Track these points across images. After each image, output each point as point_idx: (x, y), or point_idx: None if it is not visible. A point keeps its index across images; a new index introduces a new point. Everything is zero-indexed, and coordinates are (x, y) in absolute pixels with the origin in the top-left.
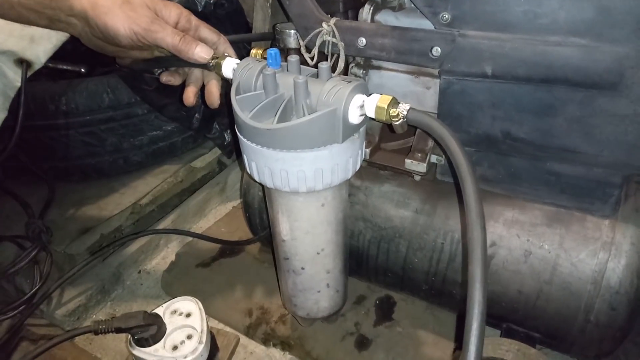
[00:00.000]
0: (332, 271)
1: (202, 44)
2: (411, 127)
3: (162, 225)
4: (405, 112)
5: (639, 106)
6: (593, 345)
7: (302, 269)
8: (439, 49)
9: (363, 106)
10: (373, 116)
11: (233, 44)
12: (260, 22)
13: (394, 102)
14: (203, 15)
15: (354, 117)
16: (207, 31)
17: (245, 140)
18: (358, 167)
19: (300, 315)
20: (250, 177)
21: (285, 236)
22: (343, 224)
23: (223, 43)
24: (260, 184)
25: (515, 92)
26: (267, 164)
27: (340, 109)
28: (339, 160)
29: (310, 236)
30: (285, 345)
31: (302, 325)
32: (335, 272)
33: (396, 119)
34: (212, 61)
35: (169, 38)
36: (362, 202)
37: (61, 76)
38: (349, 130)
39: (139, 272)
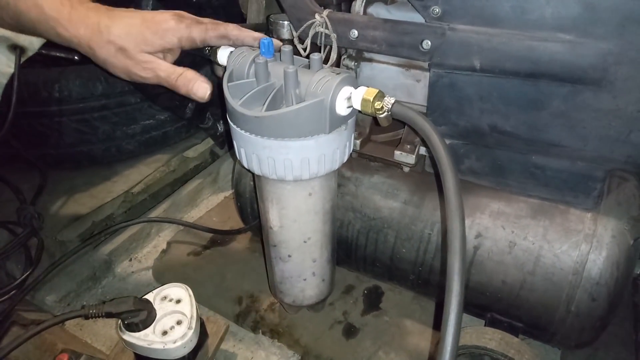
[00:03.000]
0: (319, 260)
1: (200, 81)
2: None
3: (154, 214)
4: (389, 106)
5: (622, 101)
6: (574, 334)
7: (289, 256)
8: (429, 42)
9: (350, 98)
10: (359, 108)
11: None
12: (254, 13)
13: (380, 95)
14: (198, 6)
15: (341, 109)
16: (214, 38)
17: (234, 126)
18: (346, 158)
19: (287, 302)
20: (241, 164)
21: (273, 224)
22: (331, 214)
23: (241, 34)
24: (249, 171)
25: (502, 86)
26: (255, 151)
27: (327, 99)
28: (325, 151)
29: (297, 224)
30: (274, 332)
31: (288, 312)
32: (322, 261)
33: (381, 112)
34: (209, 48)
35: (164, 79)
36: (352, 193)
37: (54, 63)
38: (336, 121)
39: (130, 260)
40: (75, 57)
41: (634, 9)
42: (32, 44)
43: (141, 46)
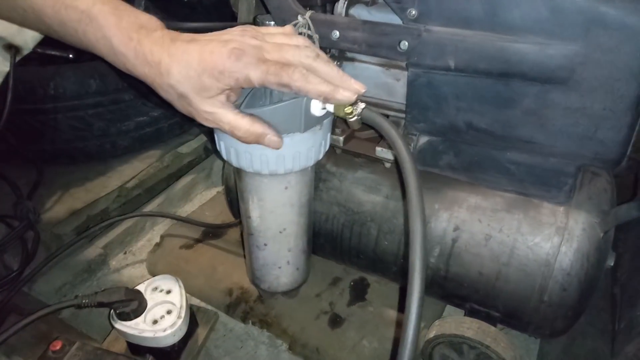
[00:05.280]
0: (294, 250)
1: (269, 136)
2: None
3: (149, 208)
4: (359, 111)
5: (588, 100)
6: (547, 323)
7: (265, 245)
8: (407, 43)
9: None
10: (332, 111)
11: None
12: (244, 12)
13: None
14: (190, 5)
15: (316, 110)
16: (274, 85)
17: None
18: (321, 156)
19: (262, 288)
20: (220, 156)
21: (251, 214)
22: (306, 207)
23: (307, 86)
24: (229, 163)
25: (476, 85)
26: (233, 144)
27: (302, 101)
28: (300, 149)
29: (273, 215)
30: (263, 323)
31: (264, 297)
32: (297, 250)
33: (350, 116)
34: None
35: (227, 132)
36: (336, 188)
37: (50, 61)
38: (311, 121)
39: (125, 253)
40: (70, 55)
41: (597, 12)
42: (27, 43)
43: (201, 93)
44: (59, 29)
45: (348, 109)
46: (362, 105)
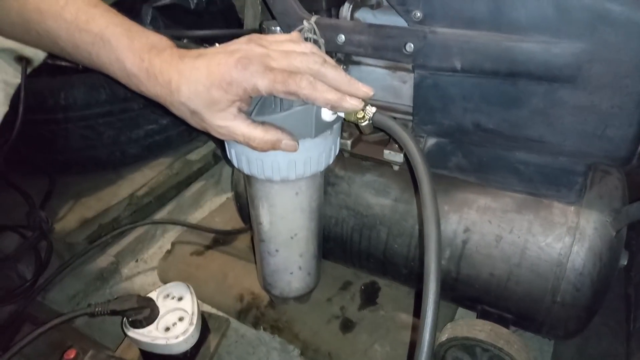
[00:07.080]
0: (305, 255)
1: (285, 141)
2: None
3: (159, 216)
4: (370, 115)
5: (596, 98)
6: (560, 324)
7: (277, 251)
8: (412, 45)
9: None
10: (343, 116)
11: (223, 38)
12: (250, 19)
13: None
14: (196, 13)
15: (327, 115)
16: (281, 93)
17: None
18: (332, 160)
19: (274, 294)
20: (231, 164)
21: (262, 220)
22: (317, 212)
23: (314, 94)
24: (239, 170)
25: (483, 86)
26: (244, 152)
27: (313, 106)
28: (311, 154)
29: (284, 221)
30: (274, 328)
31: (276, 303)
32: (308, 256)
33: (362, 120)
34: None
35: (243, 143)
36: (345, 192)
37: (60, 72)
38: (322, 127)
39: (136, 260)
40: (80, 66)
41: (603, 9)
42: (38, 55)
43: (211, 108)
44: (73, 52)
45: (359, 114)
46: (373, 109)
